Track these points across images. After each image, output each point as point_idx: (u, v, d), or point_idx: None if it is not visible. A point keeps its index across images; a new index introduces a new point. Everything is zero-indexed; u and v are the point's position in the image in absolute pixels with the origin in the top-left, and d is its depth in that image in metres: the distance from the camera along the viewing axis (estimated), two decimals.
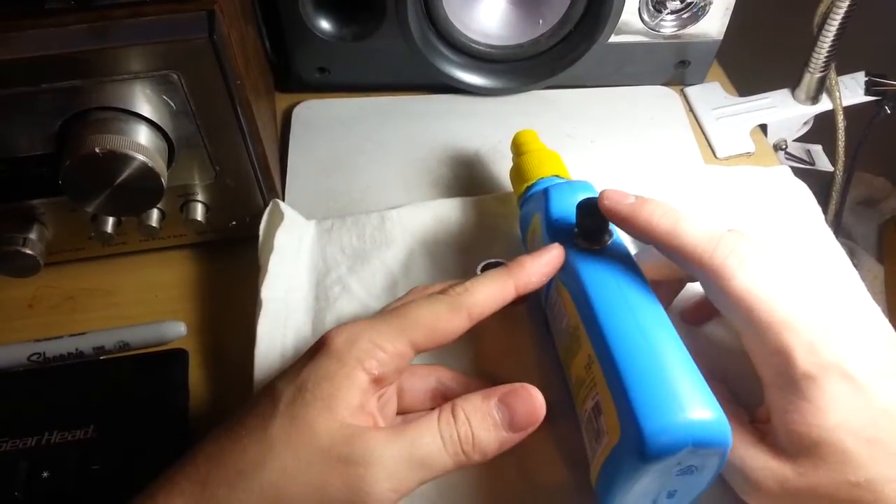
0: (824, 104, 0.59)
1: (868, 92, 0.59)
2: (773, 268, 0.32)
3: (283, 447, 0.27)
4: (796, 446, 0.30)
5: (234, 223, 0.46)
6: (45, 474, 0.35)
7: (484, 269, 0.39)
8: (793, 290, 0.31)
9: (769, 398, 0.31)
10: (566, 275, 0.35)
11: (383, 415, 0.32)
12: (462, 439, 0.29)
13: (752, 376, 0.33)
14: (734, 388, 0.35)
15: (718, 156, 0.55)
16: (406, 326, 0.31)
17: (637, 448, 0.28)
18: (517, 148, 0.46)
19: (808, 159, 0.63)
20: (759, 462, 0.31)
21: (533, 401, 0.30)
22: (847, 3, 0.50)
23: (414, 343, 0.31)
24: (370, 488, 0.27)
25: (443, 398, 0.35)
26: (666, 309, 0.33)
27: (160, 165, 0.37)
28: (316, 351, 0.30)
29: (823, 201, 0.66)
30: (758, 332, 0.31)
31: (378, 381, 0.30)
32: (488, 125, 0.55)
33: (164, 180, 0.37)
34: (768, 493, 0.31)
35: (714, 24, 0.55)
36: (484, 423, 0.29)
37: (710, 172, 0.51)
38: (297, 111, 0.56)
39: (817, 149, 0.63)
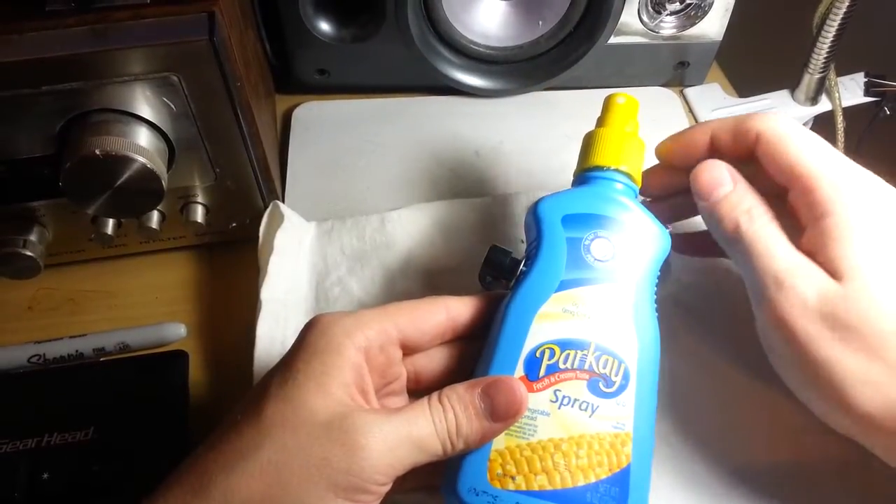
0: (824, 105, 0.58)
1: (867, 93, 0.59)
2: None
3: (279, 428, 0.28)
4: (851, 260, 0.32)
5: (234, 225, 0.46)
6: (45, 476, 0.35)
7: (492, 249, 0.37)
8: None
9: (828, 223, 0.33)
10: None
11: (384, 404, 0.33)
12: (449, 426, 0.30)
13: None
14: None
15: None
16: (387, 310, 0.32)
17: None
18: (603, 114, 0.40)
19: None
20: (804, 270, 0.33)
21: (513, 392, 0.31)
22: (847, 3, 0.50)
23: (397, 324, 0.32)
24: (373, 460, 0.27)
25: (453, 333, 0.35)
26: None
27: (160, 167, 0.37)
28: (302, 337, 0.31)
29: None
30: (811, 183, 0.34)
31: (367, 355, 0.31)
32: (488, 126, 0.55)
33: (164, 182, 0.37)
34: (805, 302, 0.32)
35: (713, 24, 0.55)
36: (466, 412, 0.30)
37: None
38: (297, 113, 0.56)
39: None
